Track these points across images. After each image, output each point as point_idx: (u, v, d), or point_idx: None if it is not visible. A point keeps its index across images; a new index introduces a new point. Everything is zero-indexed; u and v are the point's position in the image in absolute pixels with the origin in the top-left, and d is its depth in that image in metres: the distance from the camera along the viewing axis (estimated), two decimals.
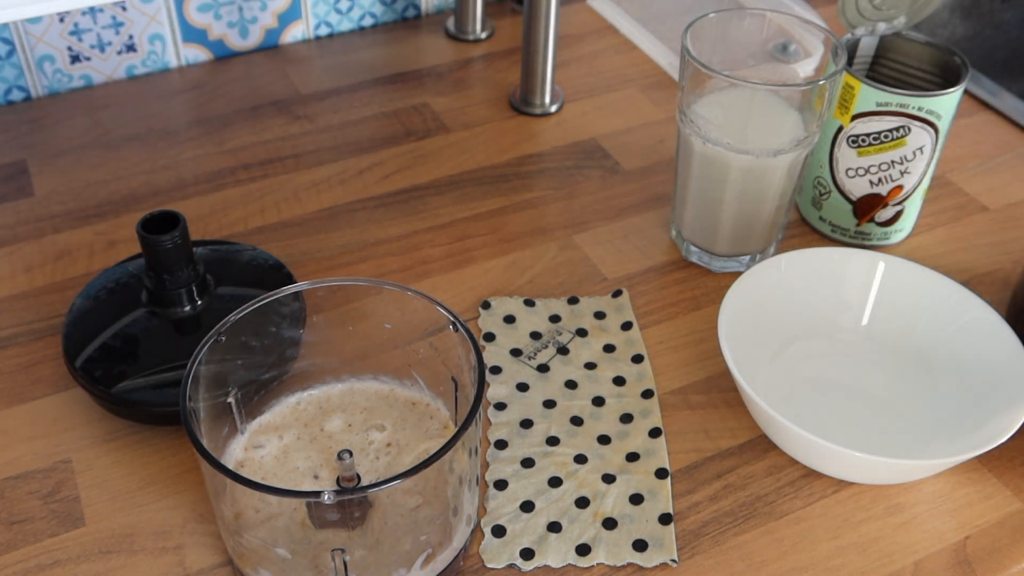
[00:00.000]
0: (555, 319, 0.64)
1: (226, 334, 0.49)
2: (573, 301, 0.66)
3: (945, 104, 0.64)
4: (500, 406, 0.59)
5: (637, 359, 0.62)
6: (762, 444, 0.58)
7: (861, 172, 0.68)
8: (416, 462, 0.44)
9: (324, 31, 0.92)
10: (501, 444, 0.57)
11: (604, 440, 0.57)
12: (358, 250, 0.70)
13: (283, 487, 0.49)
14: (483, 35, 0.92)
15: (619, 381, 0.61)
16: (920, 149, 0.66)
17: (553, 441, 0.57)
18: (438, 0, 0.95)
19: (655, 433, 0.58)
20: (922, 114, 0.64)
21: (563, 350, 0.62)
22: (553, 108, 0.83)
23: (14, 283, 0.66)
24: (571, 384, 0.61)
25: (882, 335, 0.62)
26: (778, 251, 0.69)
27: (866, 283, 0.63)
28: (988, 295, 0.67)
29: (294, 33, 0.91)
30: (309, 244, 0.70)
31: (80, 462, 0.56)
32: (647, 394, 0.60)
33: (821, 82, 0.60)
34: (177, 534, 0.53)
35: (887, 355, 0.62)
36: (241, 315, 0.50)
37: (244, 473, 0.50)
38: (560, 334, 0.63)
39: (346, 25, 0.92)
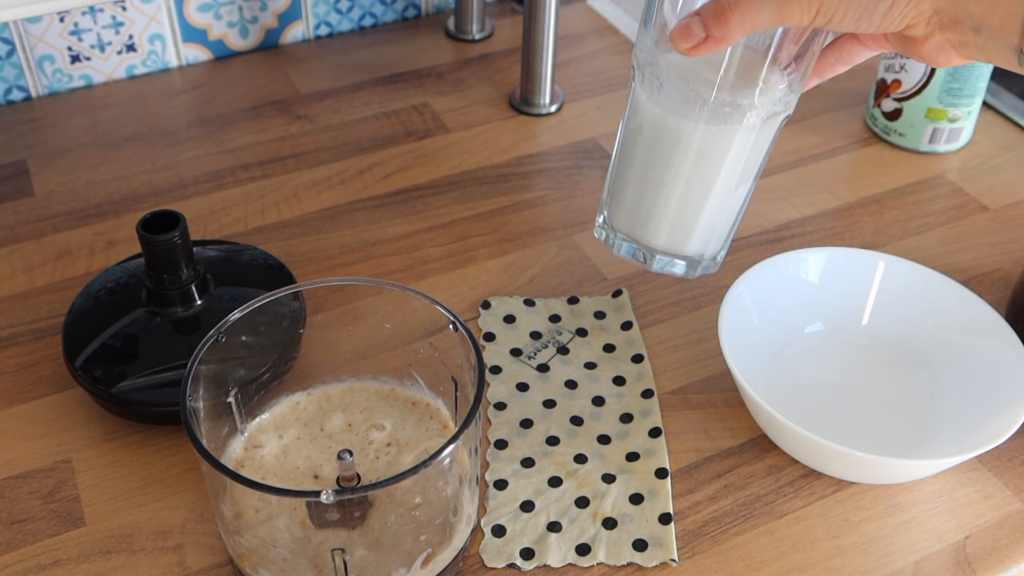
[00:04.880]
0: (555, 319, 0.64)
1: (226, 334, 0.49)
2: (573, 301, 0.66)
3: None
4: (500, 406, 0.59)
5: (637, 359, 0.62)
6: (762, 444, 0.58)
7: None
8: (416, 462, 0.44)
9: (324, 31, 0.92)
10: (501, 444, 0.57)
11: (604, 440, 0.57)
12: (358, 250, 0.70)
13: (283, 487, 0.49)
14: (483, 35, 0.92)
15: (619, 381, 0.61)
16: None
17: (553, 441, 0.57)
18: (438, 0, 0.95)
19: (655, 433, 0.58)
20: None
21: (563, 350, 0.62)
22: (553, 108, 0.83)
23: (14, 283, 0.66)
24: (571, 384, 0.61)
25: (882, 335, 0.62)
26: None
27: (866, 283, 0.63)
28: (988, 295, 0.67)
29: (294, 33, 0.91)
30: (309, 244, 0.70)
31: (80, 462, 0.56)
32: (647, 394, 0.60)
33: None
34: (177, 534, 0.53)
35: (887, 355, 0.62)
36: (241, 315, 0.50)
37: (244, 473, 0.50)
38: (560, 334, 0.63)
39: (346, 25, 0.92)
